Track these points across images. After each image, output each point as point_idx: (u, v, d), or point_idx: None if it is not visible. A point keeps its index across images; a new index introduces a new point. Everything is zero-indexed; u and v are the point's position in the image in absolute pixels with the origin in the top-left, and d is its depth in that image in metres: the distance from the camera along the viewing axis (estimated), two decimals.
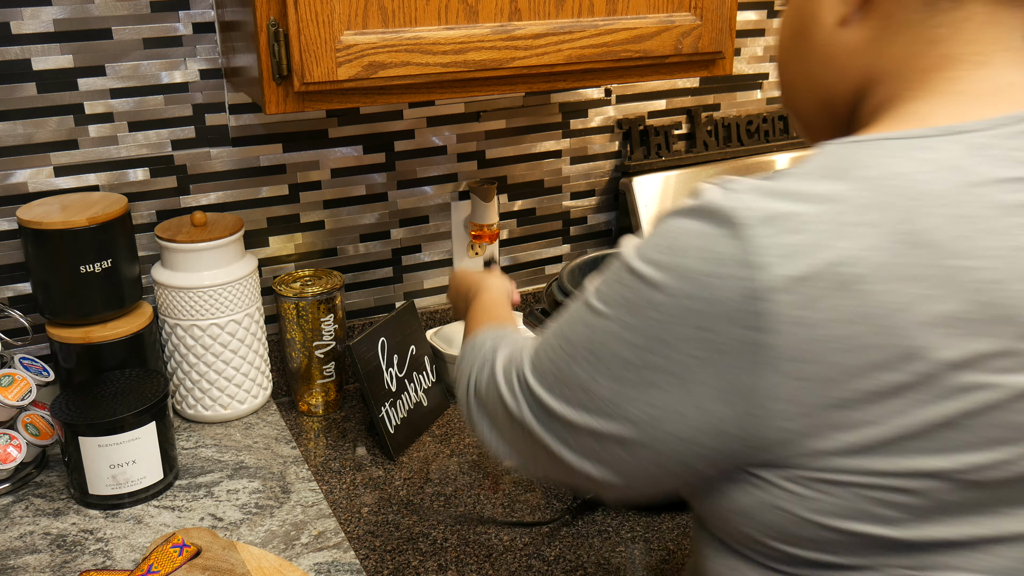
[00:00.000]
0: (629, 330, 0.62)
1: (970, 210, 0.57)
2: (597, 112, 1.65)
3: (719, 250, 0.58)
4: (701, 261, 0.59)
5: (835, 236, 0.57)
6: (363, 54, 1.07)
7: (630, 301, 0.63)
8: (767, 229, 0.57)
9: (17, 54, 1.26)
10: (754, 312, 0.57)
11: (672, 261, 0.61)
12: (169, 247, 1.32)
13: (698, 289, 0.59)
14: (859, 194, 0.58)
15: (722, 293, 0.58)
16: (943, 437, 0.57)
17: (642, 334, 0.62)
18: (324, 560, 1.10)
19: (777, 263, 0.57)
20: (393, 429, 1.35)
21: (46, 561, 1.10)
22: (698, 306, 0.59)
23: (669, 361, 0.61)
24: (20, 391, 1.23)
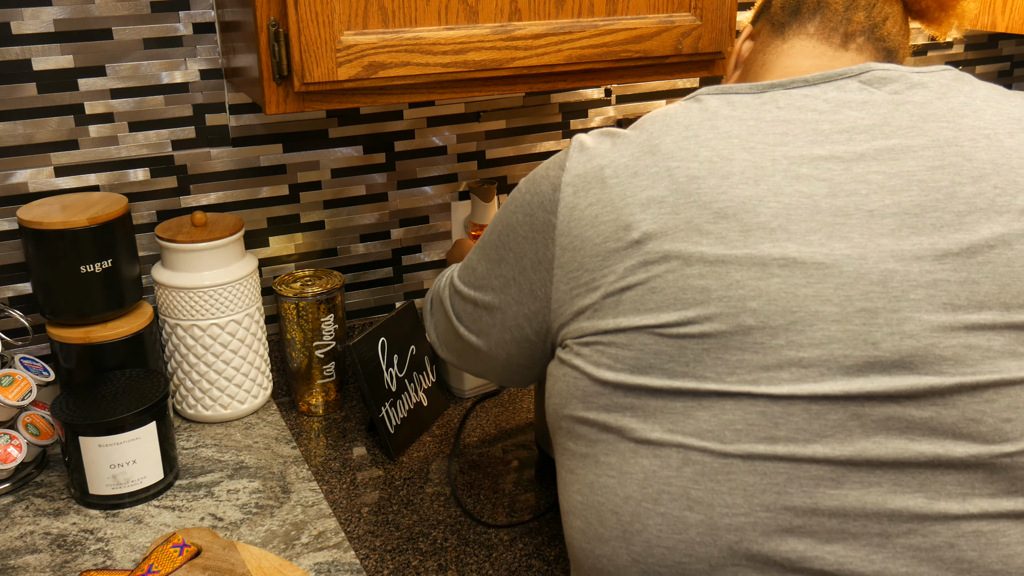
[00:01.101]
0: (498, 221, 0.89)
1: (697, 132, 0.78)
2: (597, 112, 1.65)
3: (554, 163, 0.85)
4: (543, 169, 0.85)
5: (610, 152, 0.81)
6: (363, 54, 1.07)
7: (508, 200, 0.89)
8: (582, 151, 0.83)
9: (17, 54, 1.26)
10: (552, 200, 0.82)
11: (531, 173, 0.87)
12: (169, 247, 1.32)
13: (531, 185, 0.85)
14: (639, 133, 0.81)
15: (542, 188, 0.84)
16: (645, 298, 0.75)
17: (502, 222, 0.88)
18: (324, 560, 1.10)
19: (572, 168, 0.82)
20: (393, 429, 1.35)
21: (46, 561, 1.10)
22: (528, 198, 0.85)
23: (510, 241, 0.86)
24: (20, 391, 1.23)
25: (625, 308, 0.76)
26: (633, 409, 0.76)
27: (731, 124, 0.78)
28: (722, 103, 0.81)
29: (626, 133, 0.81)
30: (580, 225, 0.78)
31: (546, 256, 0.81)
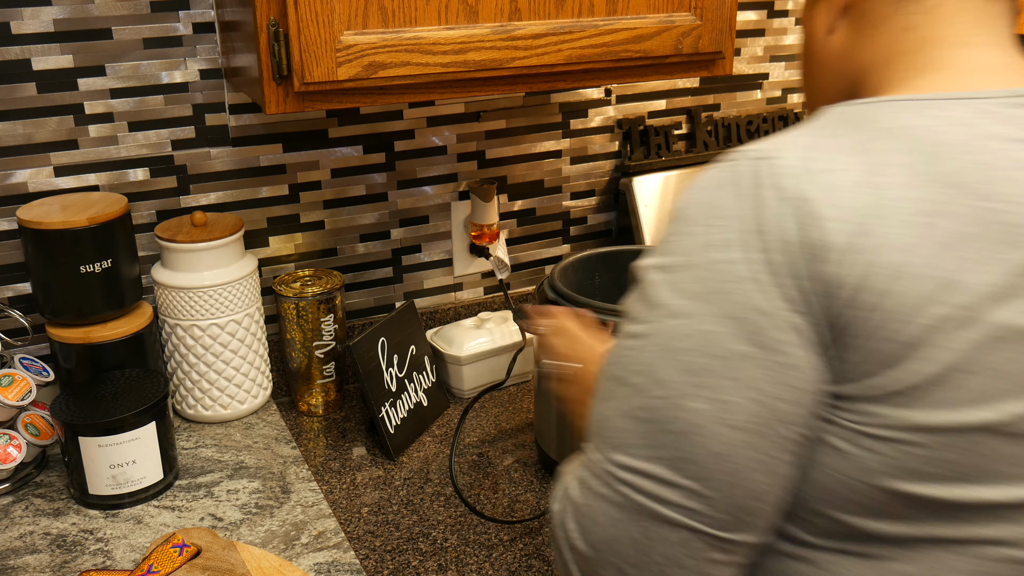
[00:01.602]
0: (722, 320, 0.59)
1: (989, 159, 0.59)
2: (597, 112, 1.65)
3: (764, 195, 0.59)
4: (750, 209, 0.59)
5: (870, 174, 0.59)
6: (363, 54, 1.07)
7: (708, 290, 0.60)
8: (805, 171, 0.60)
9: (17, 54, 1.26)
10: (820, 248, 0.58)
11: (722, 225, 0.60)
12: (169, 247, 1.32)
13: (764, 240, 0.59)
14: (880, 141, 0.61)
15: (788, 236, 0.58)
16: (980, 382, 0.57)
17: (735, 316, 0.59)
18: (324, 560, 1.10)
19: (823, 197, 0.58)
20: (393, 429, 1.35)
21: (46, 561, 1.10)
22: (764, 256, 0.59)
23: (772, 328, 0.58)
24: (20, 391, 1.23)
25: (951, 397, 0.57)
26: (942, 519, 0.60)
27: (1018, 148, 0.61)
28: (973, 113, 0.63)
29: (863, 140, 0.63)
30: (877, 277, 0.59)
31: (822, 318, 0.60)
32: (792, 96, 1.83)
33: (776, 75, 1.79)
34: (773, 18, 1.74)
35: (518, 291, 1.69)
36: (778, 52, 1.78)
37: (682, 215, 0.63)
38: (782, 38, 1.77)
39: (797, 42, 1.78)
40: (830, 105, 0.67)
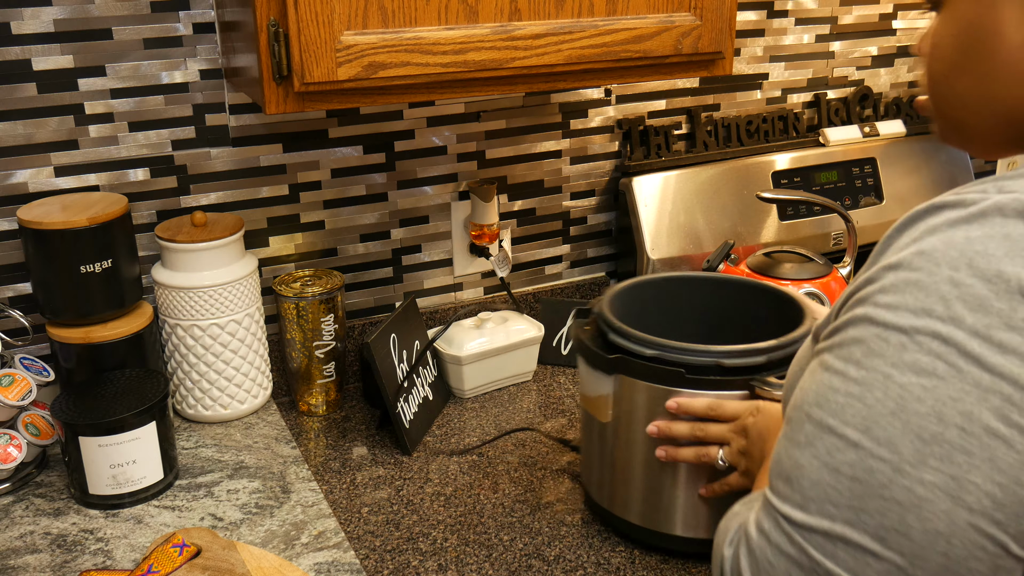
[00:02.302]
0: (978, 391, 0.52)
1: None
2: (597, 112, 1.65)
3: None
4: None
5: None
6: (363, 54, 1.07)
7: (965, 354, 0.52)
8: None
9: (17, 54, 1.26)
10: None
11: (1008, 291, 0.52)
12: (169, 247, 1.32)
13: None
14: None
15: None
16: None
17: (998, 391, 0.52)
18: (324, 560, 1.10)
19: None
20: (408, 424, 1.35)
21: (46, 561, 1.10)
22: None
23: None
24: (20, 391, 1.23)
25: None
26: None
27: None
28: None
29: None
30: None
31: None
32: (792, 96, 1.83)
33: (776, 75, 1.79)
34: (773, 18, 1.74)
35: (520, 291, 1.69)
36: (778, 52, 1.78)
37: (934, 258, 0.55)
38: (782, 38, 1.77)
39: (796, 42, 1.79)
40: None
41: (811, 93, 1.85)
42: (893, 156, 1.85)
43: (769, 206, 1.72)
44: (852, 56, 1.86)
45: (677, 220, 1.65)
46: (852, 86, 1.89)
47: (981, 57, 0.65)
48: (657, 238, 1.63)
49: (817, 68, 1.83)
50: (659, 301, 1.23)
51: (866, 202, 1.82)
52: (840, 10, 1.81)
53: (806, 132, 1.84)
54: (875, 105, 1.90)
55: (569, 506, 1.23)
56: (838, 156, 1.80)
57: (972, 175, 1.95)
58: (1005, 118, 0.66)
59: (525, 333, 1.53)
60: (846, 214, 1.57)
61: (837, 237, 1.79)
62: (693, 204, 1.66)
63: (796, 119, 1.82)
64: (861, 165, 1.82)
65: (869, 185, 1.83)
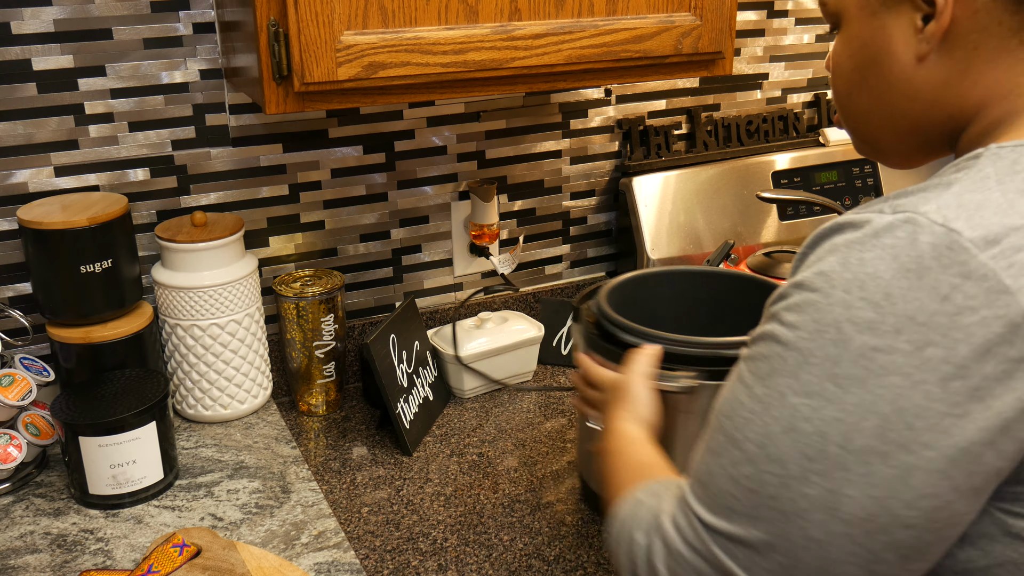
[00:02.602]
0: (857, 412, 0.55)
1: None
2: (597, 112, 1.65)
3: (955, 282, 0.53)
4: (936, 301, 0.53)
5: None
6: (363, 54, 1.07)
7: (846, 377, 0.55)
8: (999, 247, 0.54)
9: (17, 54, 1.26)
10: (1020, 339, 0.53)
11: (894, 310, 0.54)
12: (169, 247, 1.32)
13: (939, 333, 0.53)
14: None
15: (973, 329, 0.53)
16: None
17: (876, 412, 0.54)
18: (324, 560, 1.10)
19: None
20: (408, 424, 1.35)
21: (46, 561, 1.10)
22: (942, 353, 0.53)
23: (920, 432, 0.54)
24: (20, 391, 1.23)
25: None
26: None
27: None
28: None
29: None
30: None
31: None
32: (792, 96, 1.83)
33: (776, 75, 1.79)
34: (773, 18, 1.74)
35: (520, 291, 1.69)
36: (778, 52, 1.78)
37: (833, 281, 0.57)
38: (782, 38, 1.77)
39: (796, 42, 1.79)
40: (987, 148, 0.60)
41: (811, 93, 1.85)
42: None
43: (769, 206, 1.72)
44: None
45: (677, 220, 1.65)
46: None
47: (876, 75, 0.68)
48: (657, 238, 1.63)
49: (817, 68, 1.83)
50: (657, 295, 1.24)
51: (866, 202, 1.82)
52: None
53: (806, 132, 1.84)
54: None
55: (569, 506, 1.23)
56: (838, 156, 1.80)
57: None
58: (908, 130, 0.69)
59: (525, 333, 1.53)
60: None
61: None
62: (693, 204, 1.66)
63: (796, 119, 1.82)
64: (861, 165, 1.82)
65: (869, 185, 1.83)
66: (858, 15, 0.68)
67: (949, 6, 0.62)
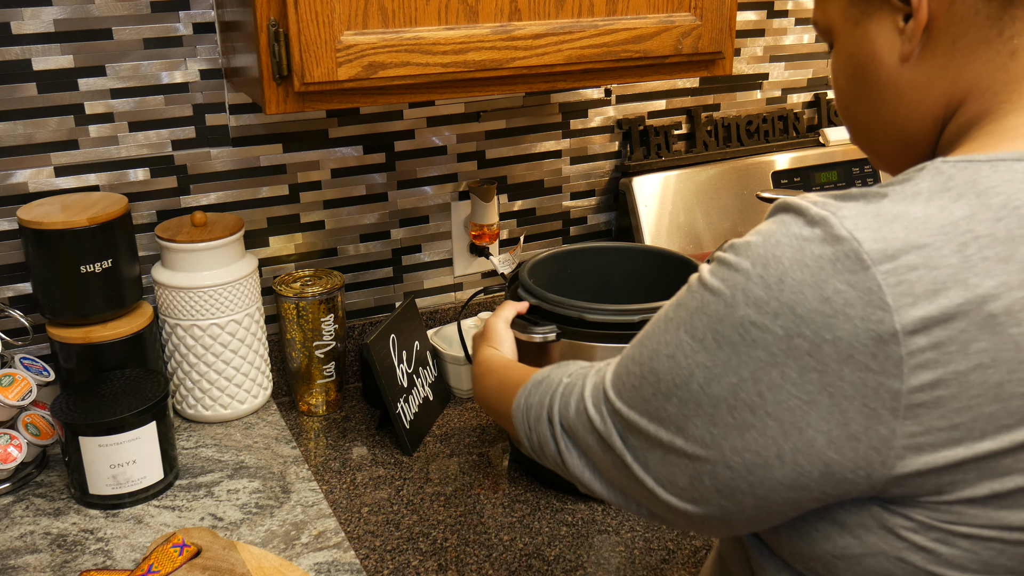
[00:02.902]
0: (722, 367, 0.60)
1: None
2: (597, 112, 1.65)
3: (840, 287, 0.56)
4: (817, 300, 0.56)
5: (968, 272, 0.55)
6: (363, 54, 1.07)
7: (724, 336, 0.60)
8: (894, 263, 0.55)
9: (17, 54, 1.26)
10: (883, 355, 0.55)
11: (779, 296, 0.58)
12: (169, 247, 1.32)
13: (811, 329, 0.56)
14: (986, 224, 0.56)
15: (842, 334, 0.56)
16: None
17: (737, 373, 0.60)
18: (324, 560, 1.10)
19: (910, 302, 0.54)
20: (409, 424, 1.35)
21: (46, 561, 1.10)
22: (808, 346, 0.57)
23: (768, 402, 0.59)
24: (20, 391, 1.23)
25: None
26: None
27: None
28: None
29: (966, 223, 0.58)
30: (966, 396, 0.57)
31: (875, 431, 0.57)
32: (792, 96, 1.83)
33: (776, 75, 1.79)
34: (773, 18, 1.74)
35: None
36: (778, 52, 1.78)
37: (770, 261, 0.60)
38: (782, 38, 1.77)
39: (796, 42, 1.79)
40: (931, 162, 0.61)
41: (811, 93, 1.85)
42: None
43: (769, 206, 1.72)
44: None
45: (677, 220, 1.65)
46: None
47: (867, 84, 0.69)
48: (657, 238, 1.63)
49: (817, 68, 1.83)
50: (581, 270, 1.37)
51: None
52: None
53: (806, 132, 1.84)
54: None
55: (569, 506, 1.23)
56: (838, 156, 1.80)
57: None
58: (901, 141, 0.70)
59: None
60: None
61: None
62: (693, 204, 1.66)
63: (796, 119, 1.82)
64: (861, 165, 1.82)
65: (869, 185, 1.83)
66: (844, 28, 0.69)
67: (924, 1, 0.63)
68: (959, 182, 0.58)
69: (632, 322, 1.14)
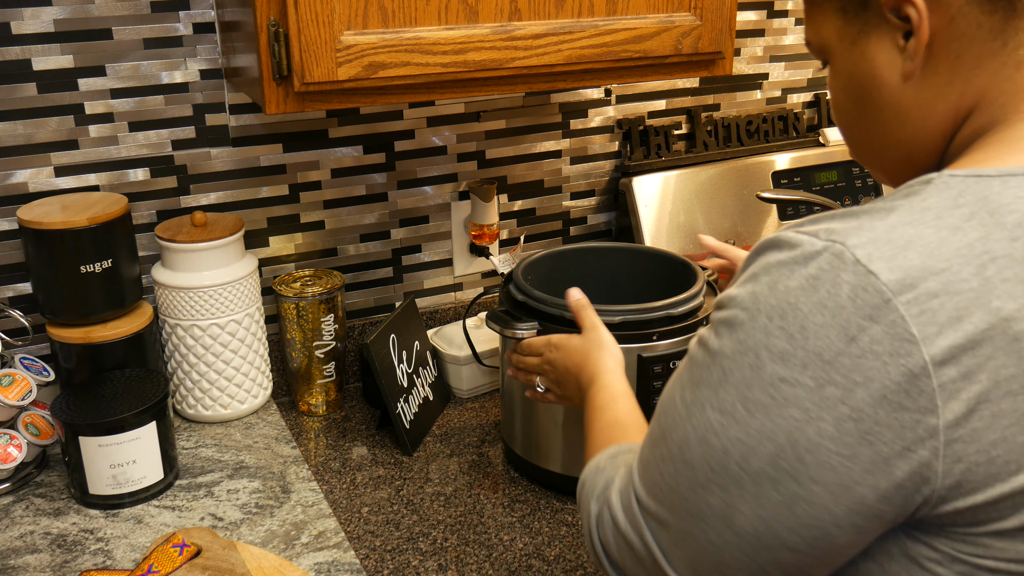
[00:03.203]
0: (757, 437, 0.57)
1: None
2: (597, 112, 1.65)
3: (863, 324, 0.54)
4: (843, 341, 0.54)
5: (989, 294, 0.54)
6: (363, 54, 1.07)
7: (754, 401, 0.57)
8: (914, 292, 0.53)
9: (17, 54, 1.26)
10: (916, 391, 0.53)
11: (805, 344, 0.55)
12: (169, 247, 1.32)
13: (841, 374, 0.54)
14: (1002, 244, 0.55)
15: (873, 374, 0.54)
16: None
17: (773, 440, 0.56)
18: (324, 560, 1.10)
19: (935, 332, 0.53)
20: (408, 424, 1.35)
21: (46, 561, 1.10)
22: (840, 393, 0.54)
23: (809, 466, 0.56)
24: (20, 391, 1.23)
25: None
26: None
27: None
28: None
29: (980, 243, 0.57)
30: (1000, 425, 0.56)
31: (914, 470, 0.56)
32: (792, 96, 1.83)
33: (776, 75, 1.79)
34: (773, 18, 1.74)
35: None
36: (778, 52, 1.78)
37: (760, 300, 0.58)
38: (782, 38, 1.77)
39: (796, 42, 1.79)
40: (939, 174, 0.60)
41: (811, 93, 1.85)
42: None
43: (769, 206, 1.72)
44: None
45: (677, 220, 1.65)
46: None
47: (869, 104, 0.67)
48: (657, 238, 1.63)
49: (817, 68, 1.83)
50: (574, 270, 1.37)
51: (866, 202, 1.82)
52: None
53: (806, 132, 1.84)
54: None
55: (569, 506, 1.23)
56: (838, 156, 1.80)
57: None
58: (905, 157, 0.69)
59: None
60: None
61: None
62: (693, 204, 1.66)
63: (796, 119, 1.82)
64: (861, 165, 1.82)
65: (869, 185, 1.83)
66: (840, 47, 0.68)
67: (924, 18, 0.61)
68: (970, 199, 0.57)
69: (611, 323, 1.13)
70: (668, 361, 1.16)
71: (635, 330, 1.16)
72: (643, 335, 1.16)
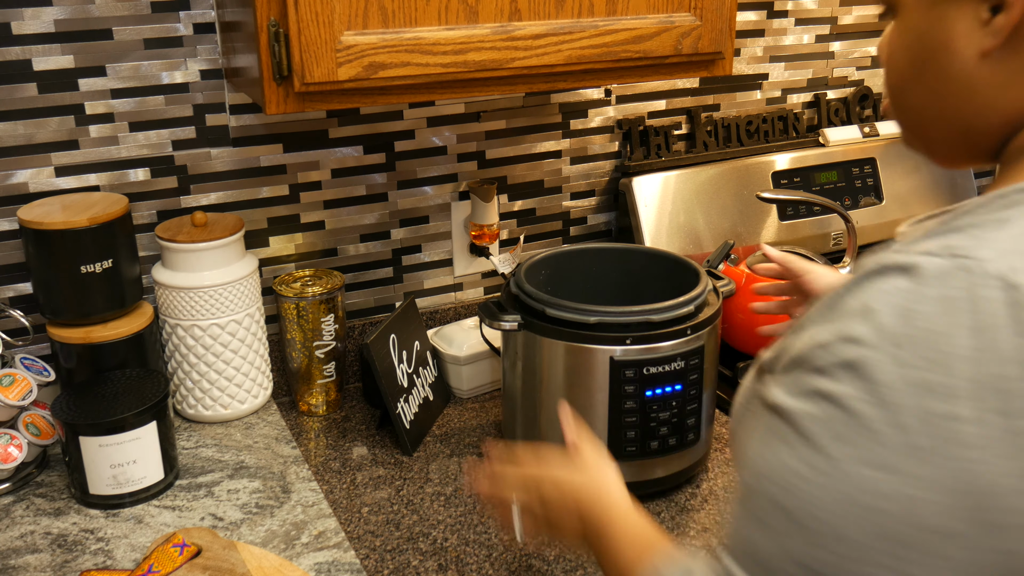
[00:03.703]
0: (928, 486, 0.50)
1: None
2: (597, 112, 1.65)
3: (1020, 342, 0.49)
4: (998, 363, 0.49)
5: None
6: (363, 54, 1.07)
7: (919, 447, 0.50)
8: None
9: (18, 54, 1.26)
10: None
11: (963, 373, 0.50)
12: (170, 247, 1.33)
13: (1003, 400, 0.49)
14: None
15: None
16: None
17: (951, 489, 0.50)
18: (324, 560, 1.10)
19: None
20: (409, 424, 1.35)
21: (47, 561, 1.10)
22: (1006, 423, 0.49)
23: (1003, 510, 0.50)
24: (21, 391, 1.23)
25: None
26: None
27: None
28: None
29: None
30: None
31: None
32: (791, 96, 1.83)
33: (776, 75, 1.79)
34: (773, 18, 1.74)
35: None
36: (778, 52, 1.78)
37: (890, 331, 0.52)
38: (782, 38, 1.77)
39: (796, 42, 1.79)
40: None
41: (811, 93, 1.85)
42: (893, 156, 1.85)
43: (769, 206, 1.72)
44: (852, 56, 1.87)
45: (677, 220, 1.65)
46: (852, 86, 1.89)
47: (934, 71, 0.63)
48: (657, 238, 1.63)
49: (817, 68, 1.83)
50: (576, 271, 1.38)
51: (866, 202, 1.82)
52: (840, 10, 1.81)
53: (806, 132, 1.84)
54: (875, 105, 1.90)
55: None
56: (838, 156, 1.80)
57: (972, 176, 1.95)
58: (960, 132, 0.65)
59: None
60: (846, 214, 1.57)
61: (837, 237, 1.79)
62: (693, 204, 1.66)
63: (796, 119, 1.82)
64: (861, 165, 1.82)
65: (869, 185, 1.83)
66: (915, 4, 0.62)
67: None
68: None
69: (587, 323, 1.16)
70: (641, 367, 1.16)
71: (587, 330, 1.17)
72: (616, 338, 1.16)
